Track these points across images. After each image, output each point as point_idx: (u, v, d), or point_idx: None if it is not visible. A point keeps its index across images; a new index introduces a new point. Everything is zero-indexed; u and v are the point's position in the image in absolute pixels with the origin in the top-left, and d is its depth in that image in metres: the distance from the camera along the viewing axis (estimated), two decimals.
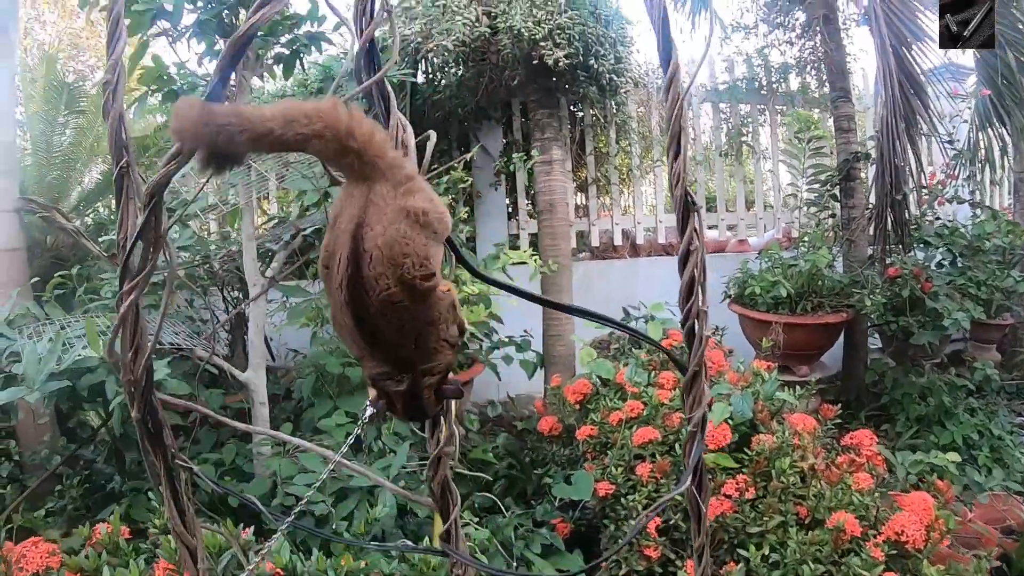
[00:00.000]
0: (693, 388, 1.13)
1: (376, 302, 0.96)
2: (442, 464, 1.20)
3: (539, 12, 3.86)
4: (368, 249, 0.95)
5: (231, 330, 3.93)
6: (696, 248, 1.08)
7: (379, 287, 0.95)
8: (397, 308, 0.97)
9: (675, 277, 1.12)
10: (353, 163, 0.96)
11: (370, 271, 0.95)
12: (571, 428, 3.07)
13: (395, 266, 0.94)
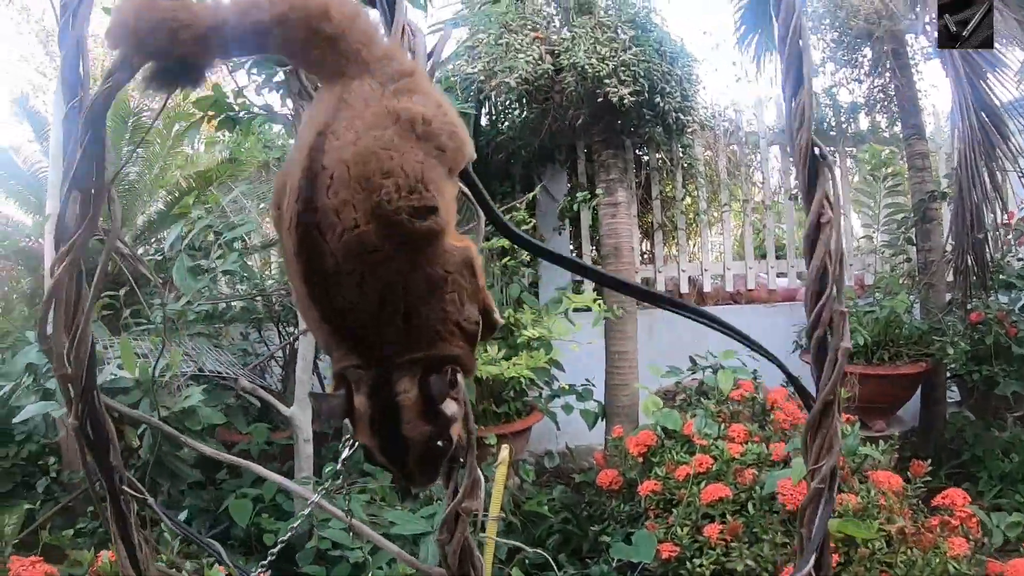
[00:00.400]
0: (822, 427, 0.84)
1: (337, 251, 0.66)
2: (461, 525, 0.90)
3: (603, 49, 3.78)
4: (329, 165, 0.66)
5: (285, 367, 3.87)
6: (829, 221, 0.81)
7: (341, 223, 0.65)
8: (370, 262, 0.66)
9: (744, 326, 0.93)
10: (326, 54, 0.72)
11: (329, 199, 0.65)
12: (633, 482, 2.87)
13: (368, 190, 0.65)
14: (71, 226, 0.82)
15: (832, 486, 0.84)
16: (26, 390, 2.25)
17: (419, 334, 0.71)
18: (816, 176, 0.82)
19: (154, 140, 3.80)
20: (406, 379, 0.70)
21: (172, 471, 2.39)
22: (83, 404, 0.86)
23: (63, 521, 2.59)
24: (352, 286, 0.67)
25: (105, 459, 0.91)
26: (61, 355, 0.84)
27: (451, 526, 0.90)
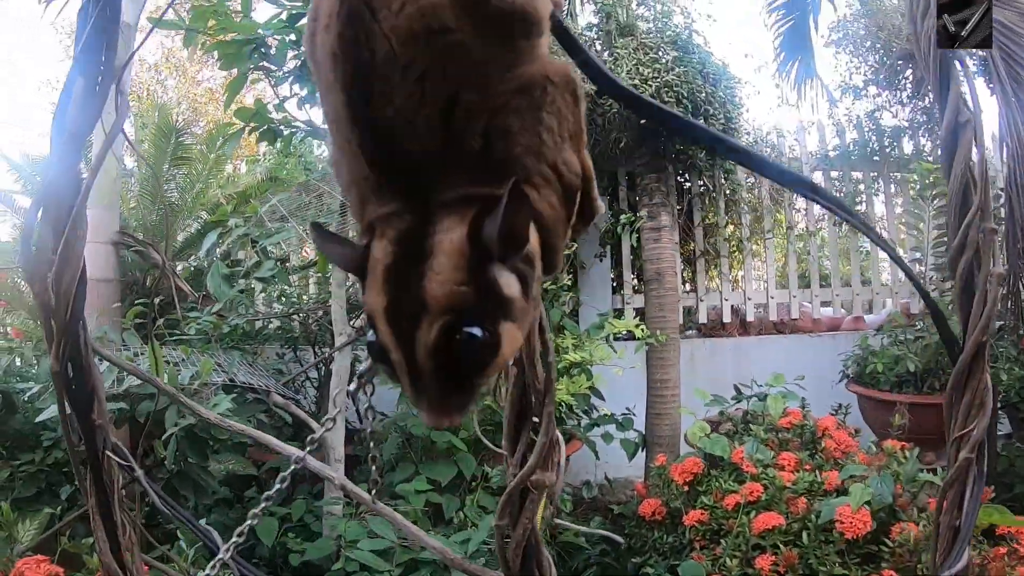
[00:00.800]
0: (972, 377, 0.67)
1: (394, 29, 0.48)
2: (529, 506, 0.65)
3: (646, 70, 3.74)
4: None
5: (319, 387, 3.82)
6: (968, 121, 0.66)
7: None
8: (440, 47, 0.48)
9: (788, 357, 0.81)
10: None
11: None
12: (677, 512, 2.73)
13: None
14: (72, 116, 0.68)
15: (982, 458, 0.67)
16: (52, 395, 2.21)
17: (501, 166, 0.50)
18: (949, 69, 0.69)
19: (195, 159, 3.83)
20: (452, 217, 0.49)
21: (197, 482, 2.32)
22: (66, 343, 0.69)
23: (84, 529, 2.54)
24: (411, 85, 0.49)
25: (87, 414, 0.74)
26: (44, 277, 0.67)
27: (515, 506, 0.65)
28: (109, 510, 0.76)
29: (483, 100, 0.50)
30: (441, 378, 0.48)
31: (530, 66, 0.52)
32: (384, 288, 0.49)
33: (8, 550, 1.89)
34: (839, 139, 5.25)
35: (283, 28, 2.41)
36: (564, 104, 0.55)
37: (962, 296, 0.70)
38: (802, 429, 2.88)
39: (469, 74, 0.50)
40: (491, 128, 0.50)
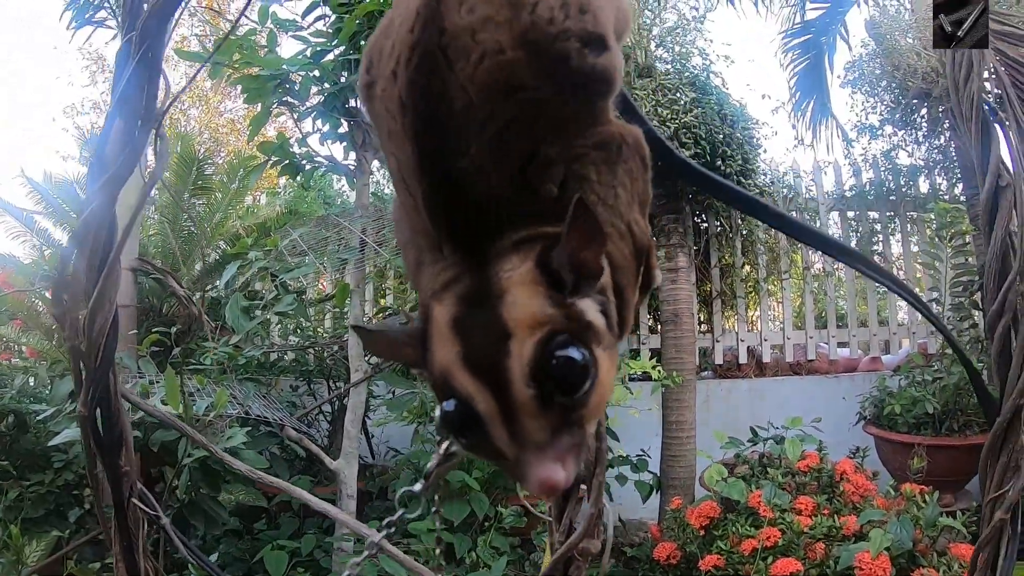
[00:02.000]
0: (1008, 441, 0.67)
1: (473, 82, 0.47)
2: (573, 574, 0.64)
3: (664, 111, 3.76)
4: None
5: (333, 421, 3.81)
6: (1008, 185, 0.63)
7: (480, 48, 0.47)
8: (523, 103, 0.48)
9: (805, 398, 0.80)
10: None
11: (462, 16, 0.48)
12: (692, 557, 2.68)
13: (517, 5, 0.48)
14: (110, 159, 0.67)
15: (1017, 519, 0.65)
16: (67, 416, 2.21)
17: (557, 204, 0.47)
18: (989, 133, 0.68)
19: (216, 189, 3.87)
20: (517, 256, 0.47)
21: (207, 513, 2.30)
22: (95, 389, 0.67)
23: (92, 554, 2.51)
24: (488, 138, 0.47)
25: (115, 461, 0.72)
26: (76, 322, 0.65)
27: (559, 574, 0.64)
28: (133, 556, 0.74)
29: (563, 151, 0.50)
30: (543, 412, 0.43)
31: (607, 125, 0.52)
32: (454, 337, 0.45)
33: (15, 573, 1.87)
34: (855, 179, 5.24)
35: (307, 64, 2.45)
36: (635, 166, 0.55)
37: (999, 358, 0.69)
38: (820, 472, 2.83)
39: (550, 129, 0.50)
40: (569, 175, 0.50)
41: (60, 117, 13.90)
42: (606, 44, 0.50)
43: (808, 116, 5.30)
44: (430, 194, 0.50)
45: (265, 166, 2.60)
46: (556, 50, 0.48)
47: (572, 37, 0.48)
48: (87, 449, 0.71)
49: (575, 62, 0.48)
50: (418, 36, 0.49)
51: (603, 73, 0.50)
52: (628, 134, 0.54)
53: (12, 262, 3.98)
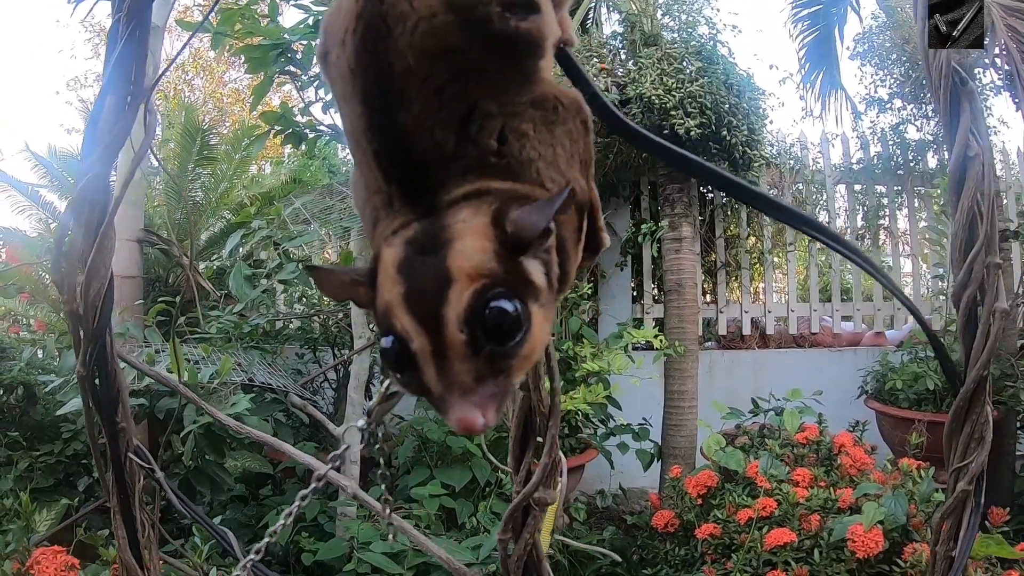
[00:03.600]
0: (972, 412, 0.70)
1: (411, 46, 0.51)
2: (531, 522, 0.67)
3: (670, 80, 3.73)
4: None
5: (337, 388, 3.85)
6: (977, 155, 0.68)
7: (416, 12, 0.50)
8: (453, 64, 0.51)
9: (807, 370, 0.82)
10: None
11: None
12: (689, 525, 2.72)
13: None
14: (103, 131, 0.70)
15: (980, 490, 0.69)
16: (75, 387, 2.25)
17: (515, 165, 0.51)
18: (958, 103, 0.70)
19: (220, 160, 3.87)
20: (468, 208, 0.49)
21: (213, 479, 2.35)
22: (93, 350, 0.72)
23: (101, 521, 2.57)
24: (428, 96, 0.51)
25: (112, 417, 0.76)
26: (73, 288, 0.70)
27: (518, 521, 0.68)
28: (129, 508, 0.79)
29: (500, 108, 0.52)
30: (473, 357, 0.46)
31: (540, 85, 0.55)
32: (399, 278, 0.48)
33: (25, 539, 1.92)
34: (863, 152, 5.20)
35: (309, 33, 2.44)
36: (575, 127, 0.57)
37: (964, 330, 0.72)
38: (818, 445, 2.85)
39: (485, 86, 0.52)
40: (507, 129, 0.52)
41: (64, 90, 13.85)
42: (533, 7, 0.52)
43: (817, 88, 5.24)
44: (380, 152, 0.53)
45: (268, 135, 2.60)
46: (478, 14, 0.51)
47: (493, 1, 0.51)
48: (86, 407, 0.75)
49: (497, 25, 0.51)
50: (362, 5, 0.52)
51: (527, 36, 0.52)
52: (564, 96, 0.56)
53: (18, 236, 4.01)
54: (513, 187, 0.51)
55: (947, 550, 0.70)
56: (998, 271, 0.69)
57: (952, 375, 0.73)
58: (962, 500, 0.69)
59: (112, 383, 0.75)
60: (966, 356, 0.71)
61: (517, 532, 0.68)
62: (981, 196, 0.69)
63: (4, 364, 2.88)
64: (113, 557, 1.79)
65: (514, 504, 0.68)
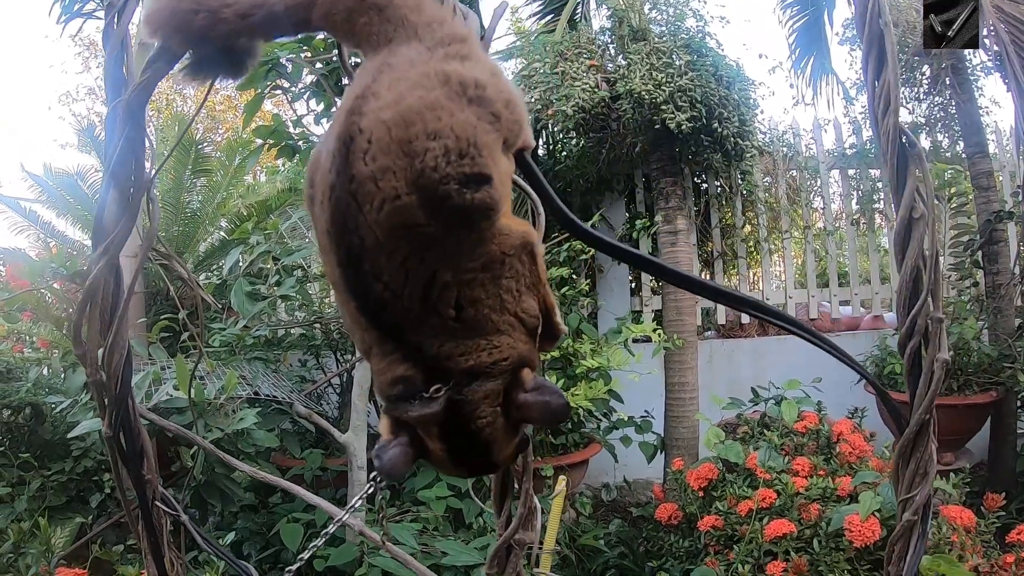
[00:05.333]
0: (916, 450, 0.76)
1: (376, 224, 0.58)
2: (513, 559, 0.80)
3: (659, 75, 3.74)
4: (367, 128, 0.58)
5: (342, 394, 3.89)
6: (922, 216, 0.73)
7: (380, 194, 0.57)
8: (415, 239, 0.58)
9: (807, 357, 0.87)
10: (371, 23, 0.64)
11: (366, 165, 0.57)
12: (692, 517, 2.77)
13: (411, 155, 0.57)
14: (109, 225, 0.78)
15: (926, 518, 0.76)
16: (83, 407, 2.29)
17: (474, 326, 0.62)
18: (906, 167, 0.74)
19: (216, 170, 3.91)
20: (484, 406, 0.63)
21: (223, 491, 2.39)
22: (116, 412, 0.81)
23: (114, 537, 2.62)
24: (395, 267, 0.59)
25: (138, 471, 0.85)
26: (95, 360, 0.79)
27: (502, 559, 0.81)
28: (159, 549, 0.88)
29: (455, 276, 0.61)
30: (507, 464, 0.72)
31: (490, 245, 0.62)
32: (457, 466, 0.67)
33: (46, 561, 1.97)
34: (856, 137, 5.22)
35: (297, 48, 2.46)
36: (521, 265, 0.65)
37: (910, 376, 0.76)
38: (817, 433, 2.89)
39: (442, 258, 0.60)
40: (461, 299, 0.61)
41: (55, 105, 13.87)
42: (484, 178, 0.59)
43: (808, 73, 5.26)
44: (361, 309, 0.62)
45: (262, 150, 2.63)
46: (440, 192, 0.57)
47: (451, 180, 0.57)
48: (114, 463, 0.85)
49: (456, 200, 0.58)
50: (333, 179, 0.59)
51: (481, 204, 0.59)
52: (510, 246, 0.64)
53: (19, 255, 4.05)
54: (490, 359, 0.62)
55: (897, 570, 0.77)
56: (940, 325, 0.74)
57: (897, 416, 0.78)
58: (908, 528, 0.77)
59: (136, 440, 0.84)
60: (911, 400, 0.77)
61: (502, 568, 0.81)
62: (925, 255, 0.74)
63: (11, 385, 2.92)
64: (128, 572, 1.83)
65: (497, 545, 0.80)
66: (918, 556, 0.75)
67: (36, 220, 4.17)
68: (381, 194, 0.57)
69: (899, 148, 0.74)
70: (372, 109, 0.59)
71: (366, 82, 0.61)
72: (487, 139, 0.60)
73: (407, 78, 0.60)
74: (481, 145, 0.59)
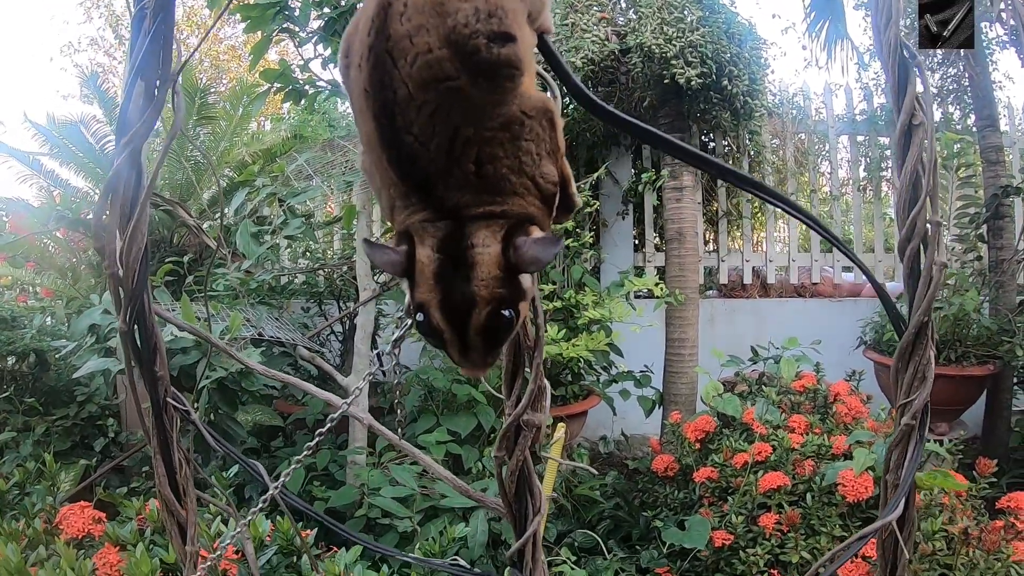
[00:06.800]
0: (915, 353, 0.79)
1: (409, 77, 0.63)
2: (522, 441, 0.80)
3: (670, 30, 3.69)
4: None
5: (344, 340, 3.91)
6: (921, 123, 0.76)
7: (415, 48, 0.63)
8: (444, 92, 0.63)
9: (808, 320, 0.89)
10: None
11: (402, 24, 0.63)
12: (688, 469, 2.81)
13: (443, 14, 0.63)
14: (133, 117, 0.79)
15: (924, 423, 0.78)
16: (88, 350, 2.31)
17: (492, 183, 0.67)
18: (906, 76, 0.77)
19: (220, 118, 3.87)
20: (484, 232, 0.66)
21: (227, 432, 2.43)
22: (132, 307, 0.82)
23: (118, 481, 2.66)
24: (424, 120, 0.64)
25: (151, 367, 0.86)
26: (114, 253, 0.80)
27: (510, 441, 0.82)
28: (168, 448, 0.90)
29: (476, 132, 0.65)
30: (484, 345, 0.67)
31: (511, 106, 0.66)
32: (436, 287, 0.66)
33: (51, 499, 2.00)
34: (866, 103, 5.16)
35: None
36: (541, 129, 0.69)
37: (909, 279, 0.79)
38: (815, 393, 2.91)
39: (466, 113, 0.65)
40: (481, 155, 0.66)
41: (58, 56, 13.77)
42: (510, 36, 0.64)
43: (823, 37, 5.17)
44: (393, 160, 0.67)
45: (268, 93, 2.61)
46: (470, 46, 0.62)
47: (480, 35, 0.62)
48: (127, 359, 0.86)
49: (483, 53, 0.63)
50: (372, 40, 0.65)
51: (506, 59, 0.64)
52: (531, 107, 0.68)
53: (22, 205, 4.05)
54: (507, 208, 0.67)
55: (894, 478, 0.80)
56: (938, 228, 0.77)
57: (897, 320, 0.82)
58: (906, 433, 0.79)
59: (150, 336, 0.85)
60: (909, 303, 0.79)
61: (510, 450, 0.81)
62: (924, 159, 0.76)
63: (16, 332, 2.94)
64: (137, 508, 1.87)
65: (506, 425, 0.80)
66: (915, 461, 0.77)
67: (40, 169, 4.15)
68: (415, 49, 0.63)
69: (899, 58, 0.76)
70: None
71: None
72: (513, 5, 0.65)
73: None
74: (508, 9, 0.64)
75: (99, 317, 2.32)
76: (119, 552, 1.53)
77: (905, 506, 0.80)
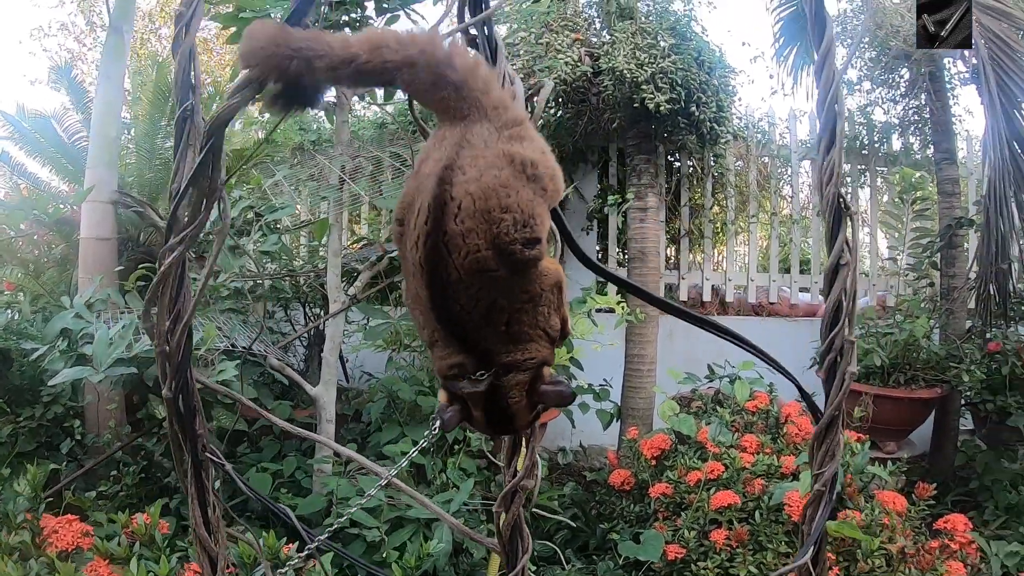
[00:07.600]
0: (827, 437, 0.98)
1: (461, 267, 0.80)
2: (517, 501, 1.02)
3: (642, 55, 3.80)
4: (457, 196, 0.79)
5: (309, 347, 3.94)
6: (847, 263, 0.95)
7: (466, 247, 0.79)
8: (487, 278, 0.80)
9: (764, 338, 1.07)
10: (449, 98, 0.83)
11: (456, 225, 0.79)
12: (644, 484, 2.91)
13: (490, 222, 0.79)
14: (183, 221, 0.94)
15: (832, 489, 0.96)
16: (60, 355, 2.32)
17: (516, 336, 0.86)
18: (839, 224, 0.95)
19: None
20: (515, 392, 0.88)
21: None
22: (177, 378, 0.96)
23: (85, 484, 2.65)
24: (469, 295, 0.82)
25: (192, 428, 1.01)
26: (162, 333, 0.94)
27: (508, 501, 1.01)
28: (204, 496, 1.05)
29: (509, 304, 0.84)
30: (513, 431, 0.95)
31: (535, 284, 0.85)
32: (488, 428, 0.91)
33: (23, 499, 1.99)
34: None
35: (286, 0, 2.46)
36: (552, 296, 0.88)
37: (826, 380, 0.99)
38: (767, 414, 3.04)
39: (502, 291, 0.83)
40: (511, 318, 0.85)
41: (27, 40, 13.53)
42: (538, 240, 0.82)
43: (789, 63, 5.33)
44: (439, 318, 0.85)
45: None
46: (509, 250, 0.80)
47: (517, 242, 0.80)
48: (170, 421, 1.01)
49: (518, 255, 0.80)
50: (430, 229, 0.80)
51: (534, 258, 0.82)
52: (548, 284, 0.87)
53: None
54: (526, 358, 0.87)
55: (808, 528, 1.01)
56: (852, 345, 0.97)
57: (814, 409, 1.03)
58: (818, 496, 0.99)
59: (191, 401, 1.01)
60: (826, 398, 1.00)
61: (507, 507, 1.02)
62: (845, 294, 0.96)
63: None
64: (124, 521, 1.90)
65: (506, 490, 1.02)
66: (824, 518, 0.98)
67: (8, 161, 4.09)
68: (466, 247, 0.79)
69: (836, 210, 0.96)
70: (460, 181, 0.79)
71: (451, 155, 0.81)
72: (540, 210, 0.82)
73: (484, 157, 0.80)
74: (537, 216, 0.81)
75: (71, 321, 2.32)
76: (108, 564, 1.58)
77: (816, 550, 1.01)
